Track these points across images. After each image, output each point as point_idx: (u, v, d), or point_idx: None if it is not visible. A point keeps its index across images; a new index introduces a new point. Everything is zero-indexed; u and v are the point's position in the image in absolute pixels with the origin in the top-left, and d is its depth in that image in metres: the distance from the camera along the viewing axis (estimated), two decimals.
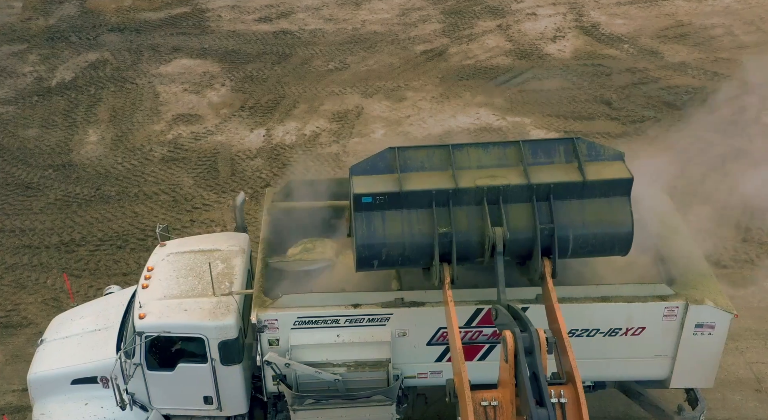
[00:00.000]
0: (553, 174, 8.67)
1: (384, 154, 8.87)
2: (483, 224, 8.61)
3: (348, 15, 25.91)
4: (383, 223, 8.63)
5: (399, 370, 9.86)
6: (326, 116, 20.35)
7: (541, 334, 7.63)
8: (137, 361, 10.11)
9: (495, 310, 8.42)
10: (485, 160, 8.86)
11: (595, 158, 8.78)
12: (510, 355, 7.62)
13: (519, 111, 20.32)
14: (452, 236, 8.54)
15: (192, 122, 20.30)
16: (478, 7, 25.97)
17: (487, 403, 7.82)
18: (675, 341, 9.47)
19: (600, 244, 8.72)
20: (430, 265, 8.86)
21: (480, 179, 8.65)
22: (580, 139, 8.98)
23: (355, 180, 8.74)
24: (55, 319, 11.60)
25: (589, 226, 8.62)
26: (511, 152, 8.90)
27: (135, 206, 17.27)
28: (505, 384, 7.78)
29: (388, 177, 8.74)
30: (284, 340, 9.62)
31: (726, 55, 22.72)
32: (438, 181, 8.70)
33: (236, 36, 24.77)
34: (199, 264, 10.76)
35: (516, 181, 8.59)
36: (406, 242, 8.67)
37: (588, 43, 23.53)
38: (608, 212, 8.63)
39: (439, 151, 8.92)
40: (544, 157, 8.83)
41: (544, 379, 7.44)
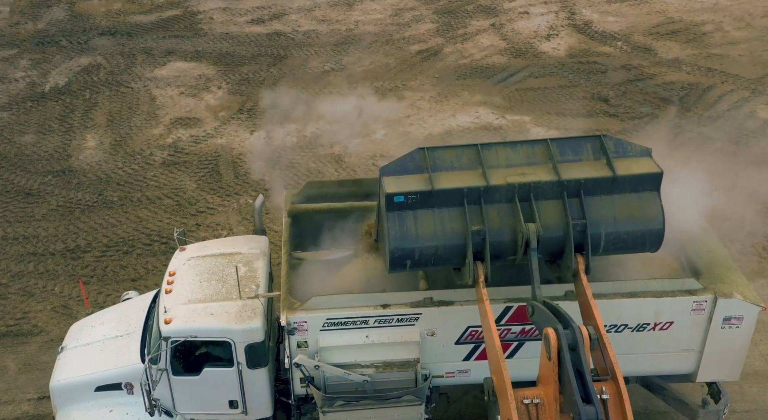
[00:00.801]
0: (582, 170, 8.72)
1: (413, 155, 8.88)
2: (515, 221, 8.64)
3: (341, 16, 25.89)
4: (415, 223, 8.64)
5: (427, 369, 9.87)
6: (325, 117, 20.29)
7: (584, 330, 7.67)
8: (162, 366, 10.03)
9: (531, 307, 8.45)
10: (514, 158, 8.90)
11: (622, 155, 8.84)
12: (553, 352, 7.65)
13: (518, 109, 20.43)
14: (485, 234, 8.57)
15: (191, 125, 20.18)
16: (471, 6, 26.08)
17: (529, 401, 7.86)
18: (702, 335, 9.58)
19: (632, 241, 8.79)
20: (462, 264, 8.88)
21: (510, 177, 8.69)
22: (607, 136, 9.05)
23: (385, 180, 8.73)
24: (74, 326, 11.48)
25: (620, 221, 8.68)
26: (539, 150, 8.94)
27: (138, 211, 17.13)
28: (547, 381, 7.81)
29: (419, 177, 8.75)
30: (313, 341, 9.60)
31: (718, 51, 23.01)
32: (468, 179, 8.72)
33: (230, 38, 24.66)
34: (221, 267, 10.69)
35: (546, 178, 8.63)
36: (438, 241, 8.68)
37: (582, 41, 23.71)
38: (639, 207, 8.70)
39: (468, 151, 8.96)
40: (572, 154, 8.88)
41: (589, 375, 7.48)
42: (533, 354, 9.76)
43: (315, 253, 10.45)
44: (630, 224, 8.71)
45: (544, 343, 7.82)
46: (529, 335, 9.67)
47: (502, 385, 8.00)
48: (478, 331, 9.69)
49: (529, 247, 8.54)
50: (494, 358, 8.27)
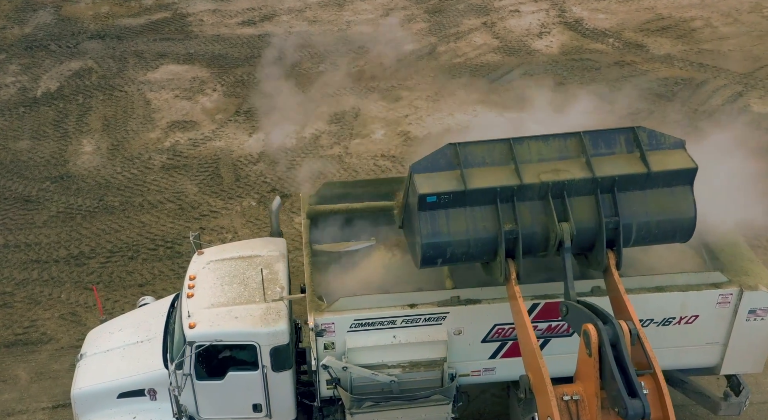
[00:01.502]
0: (616, 165, 8.64)
1: (444, 151, 8.74)
2: (548, 220, 8.62)
3: (332, 16, 25.82)
4: (447, 222, 8.59)
5: (453, 368, 9.88)
6: (324, 118, 20.27)
7: (624, 325, 7.71)
8: (187, 371, 9.95)
9: (565, 307, 8.46)
10: (546, 152, 8.78)
11: (656, 147, 8.75)
12: (594, 348, 7.66)
13: (515, 107, 20.46)
14: (518, 233, 8.55)
15: (188, 129, 20.03)
16: (461, 5, 26.14)
17: (568, 398, 7.88)
18: (727, 328, 9.68)
19: (662, 233, 8.83)
20: (492, 260, 8.88)
21: (544, 174, 8.61)
22: (641, 128, 8.91)
23: (417, 178, 8.64)
24: (92, 332, 11.34)
25: (652, 216, 8.70)
26: (572, 144, 8.83)
27: (141, 216, 16.97)
28: (587, 378, 7.83)
29: (450, 174, 8.62)
30: (340, 343, 9.58)
31: (708, 46, 23.29)
32: (501, 176, 8.64)
33: (221, 40, 24.51)
34: (241, 271, 10.63)
35: (580, 175, 8.58)
36: (470, 240, 8.66)
37: (574, 39, 23.88)
38: (671, 202, 8.70)
39: (500, 146, 8.81)
40: (605, 147, 8.76)
41: (633, 370, 7.52)
42: (560, 351, 9.84)
43: (336, 245, 10.41)
44: (662, 218, 8.72)
45: (584, 339, 7.84)
46: (556, 332, 9.72)
47: (540, 382, 8.02)
48: (505, 329, 9.73)
49: (562, 246, 8.52)
50: (531, 355, 8.28)
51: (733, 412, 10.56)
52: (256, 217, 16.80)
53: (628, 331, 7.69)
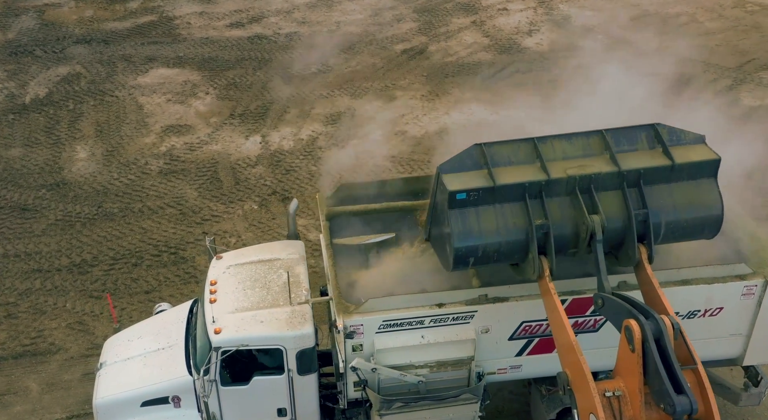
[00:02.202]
0: (640, 159, 8.77)
1: (471, 151, 8.83)
2: (578, 213, 8.69)
3: (321, 17, 25.76)
4: (478, 219, 8.63)
5: (480, 367, 9.90)
6: (320, 120, 20.20)
7: (666, 320, 7.75)
8: (212, 377, 9.86)
9: (600, 299, 8.50)
10: (570, 151, 8.90)
11: (677, 143, 8.92)
12: (637, 344, 7.66)
13: (510, 105, 20.53)
14: (548, 228, 8.61)
15: (183, 133, 19.84)
16: (450, 4, 26.22)
17: (611, 394, 7.87)
18: (751, 319, 9.80)
19: (691, 228, 8.94)
20: (524, 259, 8.92)
21: (570, 169, 8.71)
22: (660, 124, 9.06)
23: (445, 178, 8.67)
24: (109, 341, 11.18)
25: (679, 209, 8.80)
26: (594, 142, 8.96)
27: (142, 222, 16.77)
28: (630, 374, 7.81)
29: (478, 173, 8.72)
30: (368, 344, 9.54)
31: (696, 41, 23.59)
32: (528, 173, 8.72)
33: (210, 43, 24.32)
34: (262, 274, 10.56)
35: (606, 169, 8.68)
36: (501, 237, 8.69)
37: (563, 36, 24.05)
38: (697, 195, 8.82)
39: (525, 145, 8.93)
40: (627, 144, 8.92)
41: (678, 365, 7.54)
42: (586, 346, 9.86)
43: (355, 238, 10.39)
44: (689, 212, 8.84)
45: (625, 335, 7.84)
46: (582, 328, 9.77)
47: (581, 379, 8.03)
48: (532, 326, 9.77)
49: (593, 238, 8.58)
50: (569, 351, 8.30)
51: (753, 403, 10.70)
52: (258, 220, 16.68)
53: (671, 325, 7.73)
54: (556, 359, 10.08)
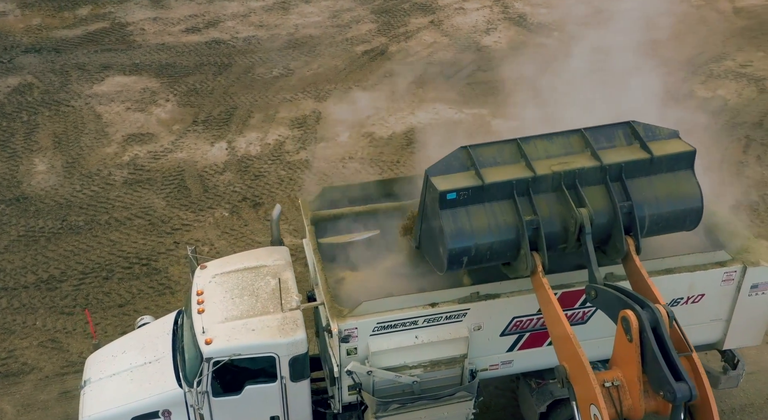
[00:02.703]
0: (620, 155, 9.01)
1: (457, 154, 8.96)
2: (566, 208, 8.88)
3: (278, 20, 25.59)
4: (469, 219, 8.71)
5: (473, 364, 9.96)
6: (285, 124, 20.06)
7: (661, 309, 7.92)
8: (204, 388, 9.71)
9: (593, 290, 8.64)
10: (552, 149, 9.11)
11: (652, 138, 9.19)
12: (635, 334, 7.79)
13: (474, 103, 20.81)
14: (538, 223, 8.76)
15: (146, 141, 19.47)
16: (406, 4, 26.32)
17: (609, 384, 8.00)
18: (731, 304, 10.09)
19: (673, 220, 9.17)
20: (515, 257, 9.02)
21: (554, 166, 8.90)
22: (635, 122, 9.34)
23: (434, 180, 8.75)
24: (91, 358, 10.89)
25: (661, 201, 9.04)
26: (574, 140, 9.20)
27: (109, 234, 16.40)
28: (628, 363, 7.94)
29: (465, 174, 8.84)
30: (362, 347, 9.51)
31: (648, 36, 24.12)
32: (515, 172, 8.87)
33: (167, 49, 23.94)
34: (250, 282, 10.44)
35: (589, 164, 8.90)
36: (493, 235, 8.79)
37: (520, 34, 24.38)
38: (676, 186, 9.09)
39: (509, 146, 9.13)
40: (606, 141, 9.17)
41: (675, 353, 7.71)
42: None
43: (340, 237, 10.38)
44: (670, 203, 9.09)
45: (622, 325, 7.99)
46: (572, 320, 9.89)
47: (581, 371, 8.14)
48: (523, 321, 9.87)
49: (582, 231, 8.74)
50: (567, 345, 8.40)
51: (731, 385, 11.01)
52: (231, 227, 16.48)
53: (666, 314, 7.90)
54: (547, 353, 10.25)
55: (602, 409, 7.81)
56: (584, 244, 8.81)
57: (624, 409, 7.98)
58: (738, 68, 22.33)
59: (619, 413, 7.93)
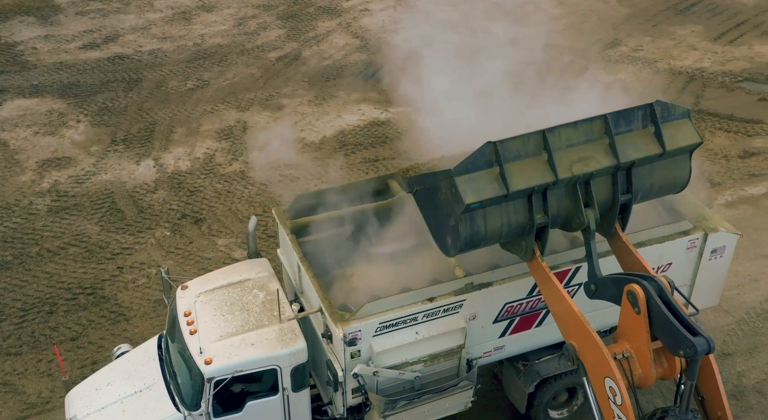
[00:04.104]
0: (635, 146, 8.95)
1: (484, 149, 8.55)
2: (574, 205, 8.94)
3: (182, 31, 24.96)
4: (485, 221, 8.69)
5: (469, 353, 10.22)
6: (211, 136, 19.64)
7: (662, 278, 8.37)
8: (204, 410, 9.46)
9: (593, 284, 8.94)
10: (574, 137, 8.85)
11: (667, 119, 9.07)
12: (642, 305, 8.13)
13: (397, 101, 21.07)
14: (548, 222, 8.89)
15: (64, 166, 18.54)
16: (311, 8, 26.32)
17: (620, 356, 8.32)
18: (693, 269, 10.83)
19: (660, 194, 9.64)
20: (516, 244, 9.26)
21: (575, 165, 8.76)
22: (658, 102, 9.12)
23: (459, 184, 8.44)
24: (71, 394, 10.32)
25: (655, 186, 9.35)
26: (597, 126, 8.94)
27: (44, 266, 15.52)
28: (636, 335, 8.24)
29: (489, 173, 8.54)
30: (366, 348, 9.56)
31: (546, 27, 25.25)
32: (535, 169, 8.69)
33: (66, 67, 22.85)
34: (237, 297, 10.24)
35: (606, 163, 8.84)
36: (503, 233, 8.89)
37: (428, 31, 24.88)
38: (673, 169, 9.34)
39: (534, 137, 8.77)
40: (624, 125, 8.97)
41: (685, 314, 8.14)
42: None
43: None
44: (663, 187, 9.42)
45: (629, 299, 8.29)
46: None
47: (592, 346, 8.41)
48: (514, 306, 10.22)
49: (587, 230, 8.96)
50: (575, 323, 8.67)
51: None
52: (175, 246, 15.98)
53: (667, 282, 8.40)
54: (535, 335, 10.70)
55: (618, 380, 8.17)
56: (586, 241, 9.06)
57: (635, 379, 8.35)
58: (631, 53, 23.79)
59: (631, 383, 8.30)
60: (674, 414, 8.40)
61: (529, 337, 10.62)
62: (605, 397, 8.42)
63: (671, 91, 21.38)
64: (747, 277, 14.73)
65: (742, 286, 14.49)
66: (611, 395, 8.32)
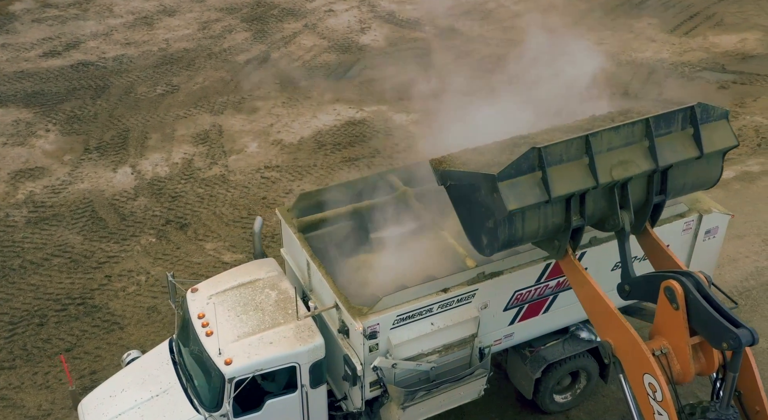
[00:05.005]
0: (673, 149, 9.01)
1: (528, 155, 8.51)
2: (610, 207, 9.01)
3: (145, 36, 24.64)
4: (523, 225, 8.74)
5: (481, 342, 10.43)
6: (187, 141, 19.46)
7: (698, 274, 8.41)
8: (224, 411, 9.46)
9: (627, 285, 9.00)
10: (615, 140, 8.85)
11: (705, 120, 9.15)
12: (681, 300, 8.11)
13: (371, 100, 21.26)
14: (583, 224, 8.99)
15: (38, 176, 18.15)
16: (275, 10, 26.27)
17: (659, 353, 8.35)
18: (689, 250, 11.24)
19: (689, 191, 9.81)
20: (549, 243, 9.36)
21: (615, 169, 8.76)
22: (700, 104, 9.13)
23: (503, 190, 8.41)
24: (84, 402, 10.16)
25: (687, 185, 9.52)
26: (638, 129, 8.94)
27: (28, 278, 15.19)
28: (675, 330, 8.29)
29: (531, 178, 8.55)
30: (383, 341, 9.68)
31: (509, 23, 25.79)
32: (576, 173, 8.71)
33: (28, 76, 22.36)
34: (249, 297, 10.25)
35: (645, 167, 8.88)
36: (539, 235, 9.01)
37: (394, 30, 25.14)
38: (706, 169, 9.49)
39: (577, 142, 8.75)
40: (664, 127, 9.03)
41: (725, 307, 8.10)
42: (567, 303, 10.83)
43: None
44: (694, 184, 9.60)
45: (666, 296, 8.30)
46: (563, 287, 10.65)
47: (631, 344, 8.37)
48: (523, 294, 10.47)
49: (622, 232, 9.05)
50: (612, 320, 8.64)
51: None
52: (162, 253, 15.81)
53: (704, 277, 8.40)
54: (542, 321, 10.98)
55: (659, 377, 8.18)
56: (621, 243, 9.11)
57: (674, 375, 8.37)
58: (595, 46, 24.36)
59: (670, 379, 8.31)
60: (715, 409, 8.41)
61: (537, 323, 10.89)
62: (644, 393, 8.40)
63: (635, 82, 22.02)
64: (725, 257, 15.30)
65: (722, 267, 15.04)
66: (650, 392, 8.30)
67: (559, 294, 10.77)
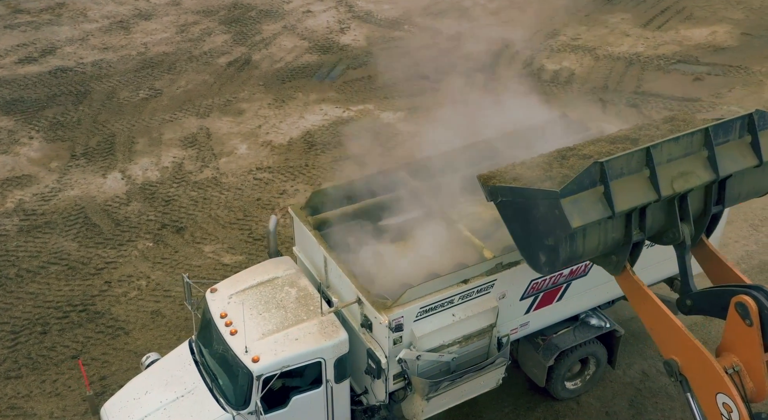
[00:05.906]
0: (732, 158, 8.84)
1: (590, 169, 8.30)
2: (670, 220, 8.84)
3: (122, 41, 24.41)
4: (584, 241, 8.54)
5: (499, 331, 10.63)
6: (176, 144, 19.35)
7: None
8: (252, 408, 9.51)
9: (689, 299, 8.79)
10: (675, 151, 8.67)
11: (763, 127, 8.97)
12: (755, 317, 7.80)
13: (357, 99, 21.38)
14: (643, 238, 8.86)
15: (26, 184, 17.89)
16: (253, 12, 26.23)
17: (731, 370, 8.06)
18: None
19: (743, 200, 9.66)
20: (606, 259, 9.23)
21: (676, 181, 8.58)
22: (758, 111, 8.96)
23: (565, 206, 8.15)
24: (107, 405, 10.09)
25: (743, 194, 9.45)
26: (697, 139, 8.76)
27: (26, 287, 14.98)
28: (748, 347, 8.00)
29: (593, 193, 8.32)
30: (407, 334, 9.81)
31: (486, 21, 26.12)
32: (637, 187, 8.50)
33: (5, 83, 22.00)
34: (270, 295, 10.30)
35: (705, 178, 8.71)
36: (599, 250, 8.81)
37: (373, 30, 25.28)
38: (762, 177, 9.34)
39: (638, 154, 8.52)
40: (723, 136, 8.86)
41: None
42: (580, 289, 11.09)
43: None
44: (750, 190, 9.47)
45: (739, 312, 7.99)
46: (575, 274, 10.90)
47: (701, 361, 8.08)
48: (538, 283, 10.68)
49: (682, 245, 8.87)
50: (678, 338, 8.36)
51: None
52: (161, 257, 15.71)
53: None
54: (556, 309, 11.21)
55: (734, 396, 7.85)
56: (681, 257, 8.90)
57: (747, 393, 8.08)
58: (571, 42, 24.86)
59: (744, 397, 7.95)
60: None
61: (551, 311, 11.13)
62: (717, 414, 8.12)
63: (614, 76, 22.49)
64: (716, 244, 15.76)
65: None
66: (725, 412, 8.01)
67: (572, 282, 11.01)
